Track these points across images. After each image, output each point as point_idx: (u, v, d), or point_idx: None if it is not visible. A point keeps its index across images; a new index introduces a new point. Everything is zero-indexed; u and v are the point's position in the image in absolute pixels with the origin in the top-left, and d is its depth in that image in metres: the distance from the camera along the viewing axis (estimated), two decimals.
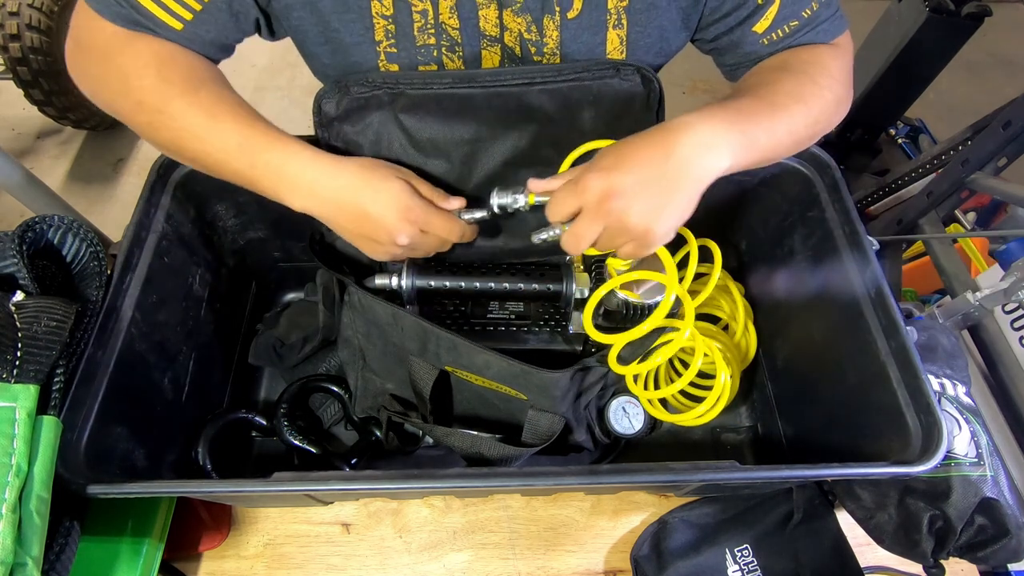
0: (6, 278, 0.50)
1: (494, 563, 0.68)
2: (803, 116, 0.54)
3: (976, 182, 1.02)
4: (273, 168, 0.52)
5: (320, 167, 0.53)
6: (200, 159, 0.54)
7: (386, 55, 0.58)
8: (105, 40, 0.53)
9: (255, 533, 0.68)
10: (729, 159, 0.48)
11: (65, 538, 0.48)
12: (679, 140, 0.47)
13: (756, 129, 0.50)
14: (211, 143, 0.52)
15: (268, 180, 0.53)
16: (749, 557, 0.67)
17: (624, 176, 0.46)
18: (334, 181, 0.53)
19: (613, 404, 0.71)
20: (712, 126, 0.47)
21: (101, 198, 2.01)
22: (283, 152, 0.52)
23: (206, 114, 0.52)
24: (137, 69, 0.52)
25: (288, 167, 0.52)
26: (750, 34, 0.59)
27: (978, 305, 0.85)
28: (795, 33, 0.59)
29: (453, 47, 0.58)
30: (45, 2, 1.78)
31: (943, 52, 1.43)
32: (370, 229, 0.54)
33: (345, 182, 0.53)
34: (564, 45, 0.58)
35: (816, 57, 0.58)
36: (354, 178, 0.53)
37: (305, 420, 0.74)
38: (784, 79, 0.55)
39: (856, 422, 0.61)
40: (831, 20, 0.59)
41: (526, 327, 0.70)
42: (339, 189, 0.53)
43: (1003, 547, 0.57)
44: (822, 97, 0.55)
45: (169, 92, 0.52)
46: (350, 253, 0.73)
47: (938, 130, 1.79)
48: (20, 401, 0.45)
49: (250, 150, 0.52)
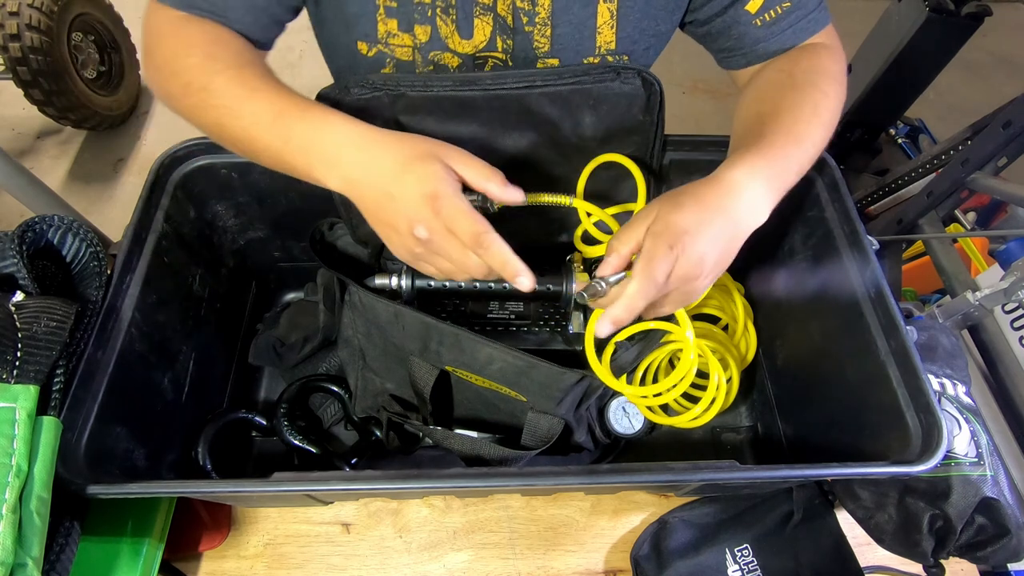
0: (6, 278, 0.50)
1: (494, 563, 0.68)
2: (823, 135, 0.55)
3: (976, 182, 1.02)
4: (306, 140, 0.49)
5: (353, 138, 0.49)
6: (241, 139, 0.52)
7: (385, 9, 0.58)
8: (161, 25, 0.55)
9: (255, 533, 0.68)
10: (768, 213, 0.50)
11: (65, 538, 0.48)
12: (735, 203, 0.48)
13: (790, 172, 0.52)
14: (247, 118, 0.50)
15: (300, 155, 0.49)
16: (749, 557, 0.67)
17: (699, 220, 0.47)
18: (364, 154, 0.48)
19: (613, 404, 0.71)
20: (760, 187, 0.49)
21: (101, 198, 2.01)
22: (317, 121, 0.49)
23: (246, 88, 0.51)
24: (186, 48, 0.53)
25: (319, 137, 0.49)
26: (743, 14, 0.60)
27: (978, 305, 0.85)
28: (787, 15, 0.59)
29: (447, 8, 0.58)
30: (45, 2, 1.78)
31: (943, 52, 1.43)
32: (390, 213, 0.48)
33: (376, 156, 0.48)
34: (555, 15, 0.58)
35: (818, 63, 0.59)
36: (387, 153, 0.48)
37: (305, 420, 0.74)
38: (801, 101, 0.55)
39: (856, 422, 0.61)
40: (818, 10, 0.60)
41: (526, 327, 0.70)
42: (368, 163, 0.48)
43: (1003, 547, 0.57)
44: (832, 108, 0.57)
45: (213, 68, 0.52)
46: (351, 253, 0.73)
47: (938, 130, 1.79)
48: (20, 401, 0.45)
49: (284, 123, 0.49)
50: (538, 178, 0.67)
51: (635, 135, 0.64)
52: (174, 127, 0.58)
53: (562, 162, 0.65)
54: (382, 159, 0.48)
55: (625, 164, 0.62)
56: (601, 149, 0.64)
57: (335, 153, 0.49)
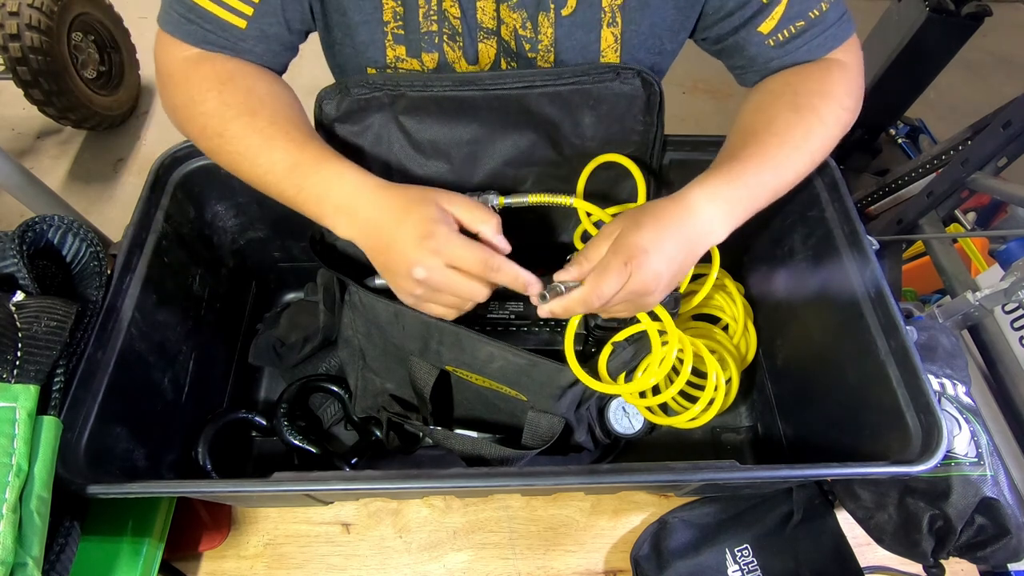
0: (6, 278, 0.50)
1: (494, 563, 0.68)
2: (808, 163, 0.56)
3: (976, 182, 1.02)
4: (318, 192, 0.51)
5: (363, 190, 0.51)
6: (256, 182, 0.54)
7: (393, 35, 0.58)
8: (177, 67, 0.56)
9: (255, 533, 0.68)
10: (725, 234, 0.53)
11: (65, 538, 0.48)
12: (692, 224, 0.51)
13: (758, 198, 0.54)
14: (263, 167, 0.53)
15: (313, 204, 0.52)
16: (749, 557, 0.67)
17: (656, 239, 0.49)
18: (372, 205, 0.50)
19: (613, 404, 0.71)
20: (718, 210, 0.51)
21: (101, 198, 2.01)
22: (329, 174, 0.51)
23: (261, 137, 0.53)
24: (201, 93, 0.54)
25: (332, 190, 0.51)
26: (755, 35, 0.58)
27: (978, 305, 0.85)
28: (802, 34, 0.58)
29: (454, 36, 0.58)
30: (45, 2, 1.78)
31: (943, 52, 1.43)
32: (392, 258, 0.50)
33: (381, 206, 0.50)
34: (558, 42, 0.58)
35: (826, 86, 0.57)
36: (391, 202, 0.50)
37: (305, 420, 0.74)
38: (794, 125, 0.55)
39: (856, 422, 0.61)
40: (839, 24, 0.58)
41: (526, 327, 0.69)
42: (374, 213, 0.50)
43: (1003, 547, 0.57)
44: (827, 136, 0.56)
45: (227, 115, 0.53)
46: (351, 253, 0.73)
47: (938, 130, 1.79)
48: (20, 401, 0.45)
49: (299, 174, 0.52)
50: (538, 178, 0.67)
51: (635, 135, 0.64)
52: (174, 127, 0.58)
53: (562, 162, 0.65)
54: (385, 208, 0.50)
55: (625, 164, 0.62)
56: (601, 149, 0.64)
57: (347, 204, 0.51)
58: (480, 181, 0.65)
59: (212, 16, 0.54)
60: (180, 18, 0.55)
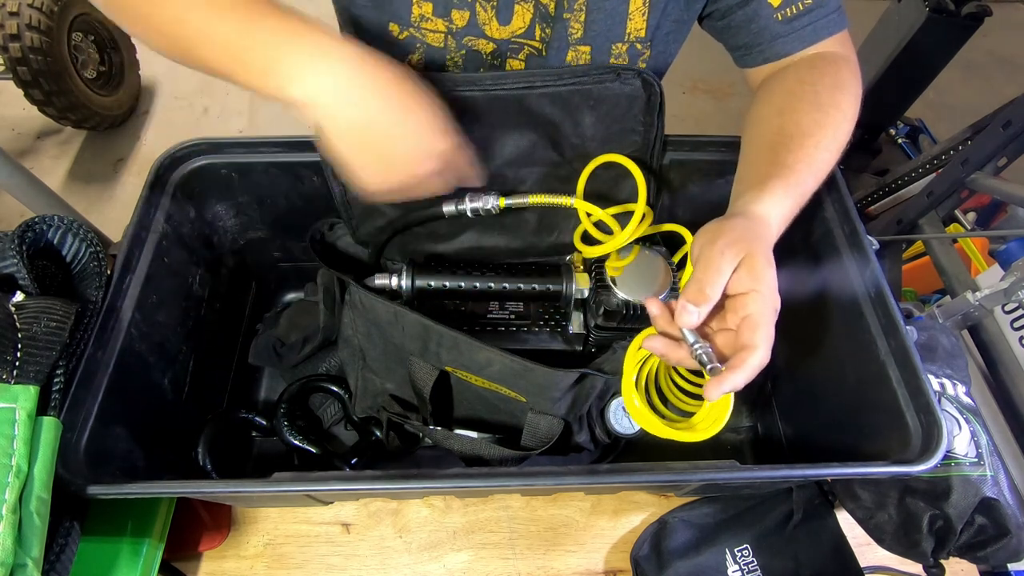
0: (6, 278, 0.50)
1: (494, 563, 0.68)
2: (835, 159, 0.56)
3: (976, 182, 1.02)
4: (282, 33, 0.42)
5: (351, 51, 0.43)
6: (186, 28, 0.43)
7: None
8: None
9: (255, 533, 0.68)
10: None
11: (65, 538, 0.48)
12: (771, 238, 0.50)
13: (804, 200, 0.53)
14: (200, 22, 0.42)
15: (268, 49, 0.42)
16: (749, 557, 0.67)
17: (769, 264, 0.48)
18: (361, 73, 0.43)
19: (613, 404, 0.71)
20: (781, 220, 0.51)
21: (101, 198, 2.01)
22: (295, 20, 0.42)
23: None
24: None
25: (300, 36, 0.42)
26: (765, 7, 0.58)
27: (978, 305, 0.85)
28: (808, 12, 0.58)
29: None
30: (45, 2, 1.78)
31: (943, 52, 1.43)
32: (396, 142, 0.45)
33: (377, 81, 0.44)
34: (590, 2, 0.57)
35: (841, 79, 0.58)
36: (386, 79, 0.44)
37: (305, 420, 0.74)
38: (823, 123, 0.55)
39: (856, 422, 0.61)
40: (838, 12, 0.59)
41: (526, 327, 0.70)
42: (368, 87, 0.44)
43: (1003, 547, 0.57)
44: (849, 130, 0.57)
45: None
46: (351, 253, 0.73)
47: (938, 130, 1.79)
48: (20, 402, 0.45)
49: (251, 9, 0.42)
50: (538, 178, 0.67)
51: (635, 135, 0.64)
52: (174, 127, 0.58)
53: (562, 162, 0.65)
54: (383, 82, 0.44)
55: (625, 164, 0.62)
56: (601, 149, 0.64)
57: (322, 53, 0.42)
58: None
59: None
60: None
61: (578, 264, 0.69)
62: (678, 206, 0.73)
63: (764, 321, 0.45)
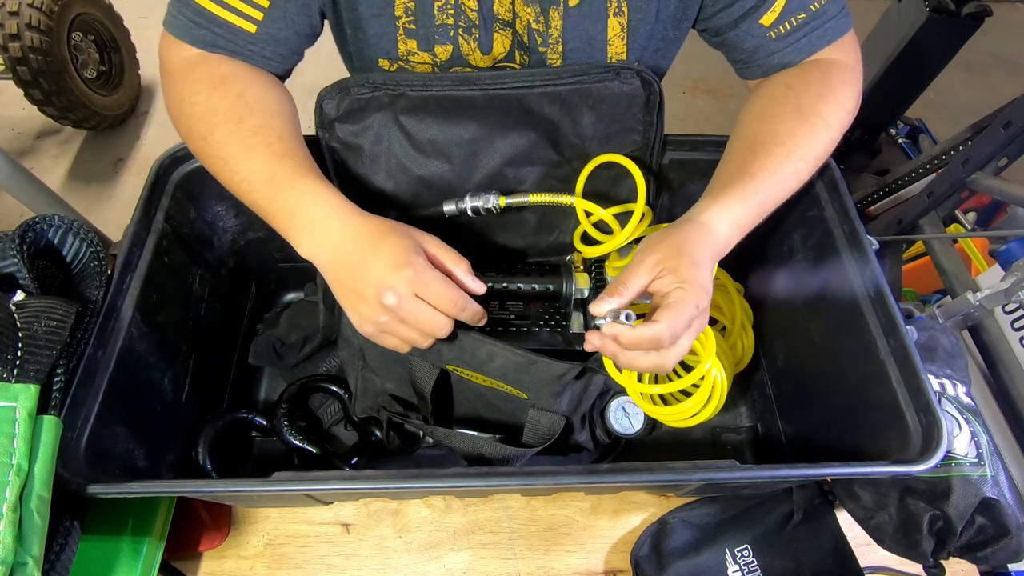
0: (6, 278, 0.50)
1: (494, 563, 0.68)
2: (810, 168, 0.56)
3: (976, 182, 1.02)
4: (290, 206, 0.51)
5: (336, 212, 0.51)
6: (234, 189, 0.54)
7: (404, 31, 0.58)
8: (176, 66, 0.56)
9: (255, 533, 0.68)
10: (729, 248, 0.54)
11: (65, 538, 0.48)
12: (715, 243, 0.52)
13: (767, 208, 0.55)
14: (240, 174, 0.53)
15: (283, 218, 0.52)
16: (749, 557, 0.67)
17: (700, 268, 0.50)
18: (344, 228, 0.50)
19: (613, 404, 0.71)
20: (733, 227, 0.53)
21: (101, 198, 2.01)
22: (305, 192, 0.51)
23: (243, 145, 0.53)
24: (192, 95, 0.54)
25: (304, 207, 0.51)
26: (757, 27, 0.58)
27: (978, 305, 0.85)
28: (803, 26, 0.58)
29: (470, 28, 0.58)
30: (45, 2, 1.78)
31: (943, 52, 1.43)
32: (361, 282, 0.49)
33: (355, 231, 0.50)
34: (566, 32, 0.59)
35: (828, 88, 0.57)
36: (366, 228, 0.50)
37: (305, 420, 0.74)
38: (797, 131, 0.56)
39: (856, 422, 0.61)
40: (838, 18, 0.58)
41: (526, 327, 0.70)
42: (346, 237, 0.50)
43: (1003, 547, 0.57)
44: (830, 139, 0.57)
45: (213, 119, 0.53)
46: None
47: (938, 130, 1.79)
48: (20, 401, 0.45)
49: (274, 186, 0.52)
50: (538, 178, 0.67)
51: (635, 135, 0.64)
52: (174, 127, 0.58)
53: (562, 162, 0.65)
54: (361, 233, 0.50)
55: (625, 164, 0.62)
56: (601, 149, 0.64)
57: (319, 223, 0.51)
58: (480, 181, 0.65)
59: (223, 21, 0.54)
60: (189, 23, 0.55)
61: (578, 264, 0.69)
62: (678, 206, 0.73)
63: (678, 309, 0.48)
